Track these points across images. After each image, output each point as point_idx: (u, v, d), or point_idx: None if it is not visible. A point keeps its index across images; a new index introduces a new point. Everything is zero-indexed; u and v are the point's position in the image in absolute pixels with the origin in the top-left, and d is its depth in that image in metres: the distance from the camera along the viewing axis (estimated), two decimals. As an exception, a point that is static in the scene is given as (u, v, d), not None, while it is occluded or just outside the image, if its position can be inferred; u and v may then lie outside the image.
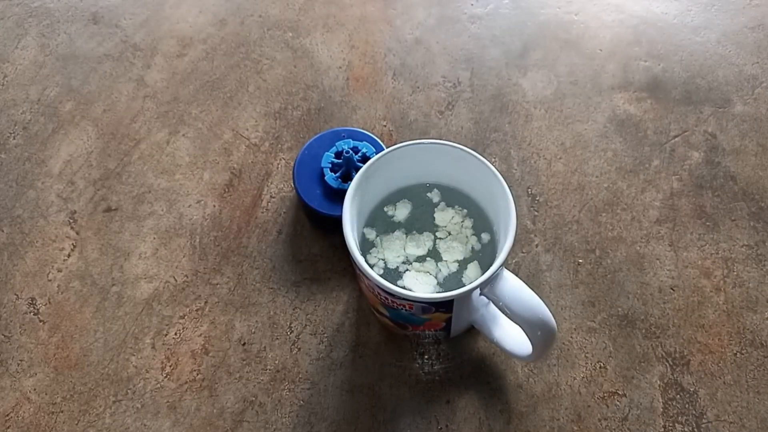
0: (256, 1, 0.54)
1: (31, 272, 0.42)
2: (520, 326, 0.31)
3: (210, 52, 0.52)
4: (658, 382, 0.37)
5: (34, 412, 0.37)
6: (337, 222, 0.40)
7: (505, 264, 0.31)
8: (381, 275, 0.31)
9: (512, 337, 0.35)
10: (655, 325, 0.39)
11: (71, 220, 0.44)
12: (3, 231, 0.44)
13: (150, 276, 0.41)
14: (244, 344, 0.39)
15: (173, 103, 0.49)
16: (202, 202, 0.44)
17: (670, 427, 0.36)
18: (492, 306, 0.35)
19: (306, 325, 0.39)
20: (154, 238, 0.43)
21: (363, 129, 0.42)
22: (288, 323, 0.39)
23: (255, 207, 0.44)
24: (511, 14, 0.53)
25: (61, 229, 0.43)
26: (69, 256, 0.42)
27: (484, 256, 0.35)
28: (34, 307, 0.40)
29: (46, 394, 0.38)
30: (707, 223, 0.42)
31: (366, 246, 0.36)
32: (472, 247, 0.36)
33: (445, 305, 0.31)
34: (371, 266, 0.33)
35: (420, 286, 0.34)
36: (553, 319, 0.30)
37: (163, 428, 0.36)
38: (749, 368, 0.37)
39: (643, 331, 0.38)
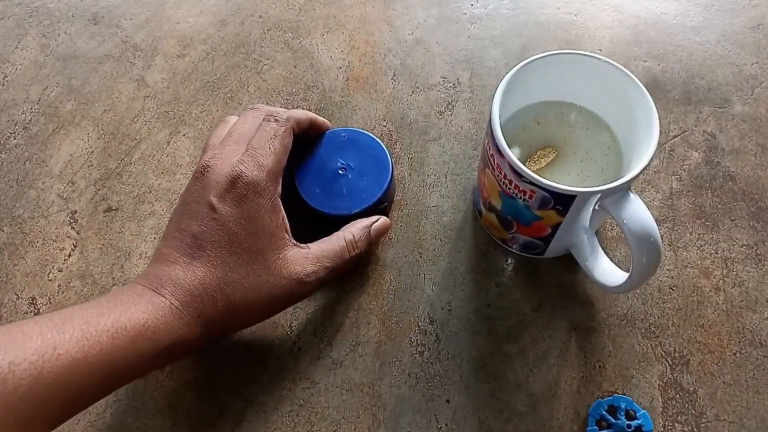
0: (257, 2, 0.54)
1: (32, 272, 0.42)
2: (630, 245, 0.31)
3: (210, 52, 0.52)
4: (658, 381, 0.37)
5: (35, 412, 0.37)
6: (337, 221, 0.40)
7: (632, 184, 0.32)
8: None
9: (604, 268, 0.36)
10: (655, 325, 0.39)
11: (72, 220, 0.44)
12: (3, 231, 0.44)
13: (150, 276, 0.41)
14: (244, 344, 0.39)
15: (174, 104, 0.49)
16: (203, 202, 0.44)
17: (669, 427, 0.36)
18: (595, 238, 0.37)
19: (306, 325, 0.39)
20: (155, 238, 0.43)
21: (363, 129, 0.42)
22: (288, 323, 0.39)
23: (255, 207, 0.44)
24: (510, 14, 0.53)
25: (61, 229, 0.43)
26: (69, 255, 0.42)
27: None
28: (35, 307, 0.41)
29: (46, 393, 0.38)
30: (706, 223, 0.42)
31: None
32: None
33: (565, 202, 0.32)
34: None
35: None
36: (662, 249, 0.31)
37: (163, 428, 0.36)
38: (749, 368, 0.37)
39: (643, 330, 0.39)
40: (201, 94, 0.49)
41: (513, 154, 0.32)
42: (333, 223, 0.41)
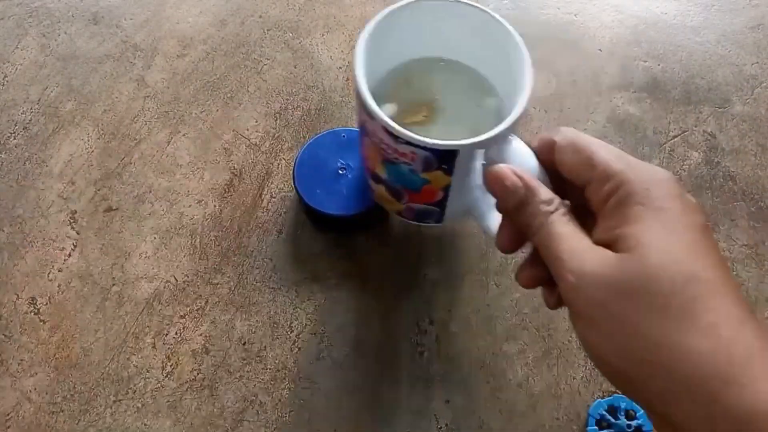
0: (257, 2, 0.54)
1: (32, 272, 0.42)
2: None
3: (210, 52, 0.52)
4: (658, 381, 0.37)
5: (35, 412, 0.37)
6: (337, 221, 0.40)
7: (514, 130, 0.31)
8: None
9: None
10: (655, 325, 0.39)
11: (72, 220, 0.44)
12: (3, 231, 0.44)
13: (150, 276, 0.41)
14: (244, 344, 0.39)
15: (174, 104, 0.49)
16: (203, 201, 0.44)
17: (669, 427, 0.36)
18: (490, 195, 0.35)
19: (306, 325, 0.39)
20: (155, 238, 0.43)
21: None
22: (288, 323, 0.39)
23: (255, 207, 0.44)
24: (511, 14, 0.53)
25: (61, 229, 0.43)
26: (69, 255, 0.42)
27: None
28: (35, 307, 0.41)
29: (46, 393, 0.38)
30: (706, 223, 0.42)
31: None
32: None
33: (449, 159, 0.30)
34: None
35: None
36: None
37: (163, 428, 0.37)
38: (748, 368, 0.37)
39: (643, 330, 0.39)
40: (201, 94, 0.49)
41: (385, 115, 0.30)
42: (333, 223, 0.41)
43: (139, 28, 0.53)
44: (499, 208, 0.29)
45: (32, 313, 0.40)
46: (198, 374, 0.38)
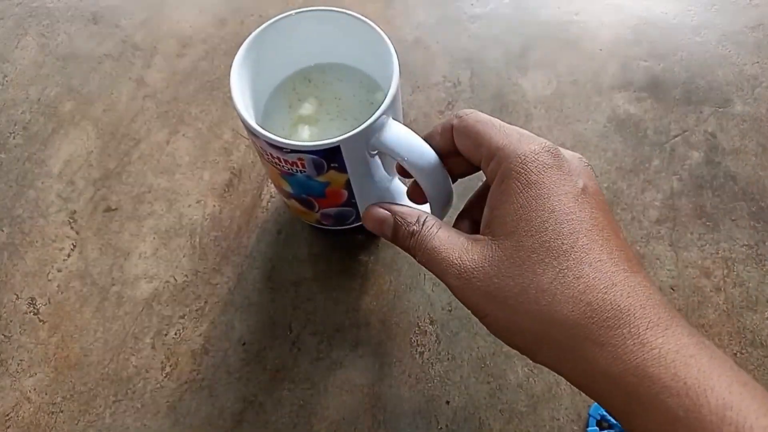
0: (256, 1, 0.54)
1: (31, 272, 0.42)
2: (415, 176, 0.31)
3: (210, 51, 0.52)
4: (658, 381, 0.37)
5: (34, 412, 0.37)
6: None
7: (394, 116, 0.31)
8: None
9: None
10: (655, 325, 0.39)
11: (71, 220, 0.44)
12: (3, 231, 0.44)
13: (150, 276, 0.41)
14: (243, 344, 0.39)
15: (173, 103, 0.49)
16: (202, 201, 0.44)
17: (670, 427, 0.36)
18: (397, 182, 0.35)
19: (306, 325, 0.39)
20: (154, 238, 0.43)
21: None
22: (288, 323, 0.39)
23: (255, 207, 0.44)
24: (511, 14, 0.53)
25: (61, 229, 0.43)
26: (69, 255, 0.42)
27: None
28: (34, 307, 0.40)
29: (46, 393, 0.38)
30: (707, 223, 0.42)
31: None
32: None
33: (335, 156, 0.30)
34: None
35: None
36: (442, 164, 0.30)
37: (163, 428, 0.36)
38: (749, 368, 0.37)
39: (643, 330, 0.38)
40: (200, 94, 0.49)
41: (260, 128, 0.30)
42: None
43: (138, 27, 0.53)
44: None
45: (32, 314, 0.40)
46: (197, 374, 0.38)
